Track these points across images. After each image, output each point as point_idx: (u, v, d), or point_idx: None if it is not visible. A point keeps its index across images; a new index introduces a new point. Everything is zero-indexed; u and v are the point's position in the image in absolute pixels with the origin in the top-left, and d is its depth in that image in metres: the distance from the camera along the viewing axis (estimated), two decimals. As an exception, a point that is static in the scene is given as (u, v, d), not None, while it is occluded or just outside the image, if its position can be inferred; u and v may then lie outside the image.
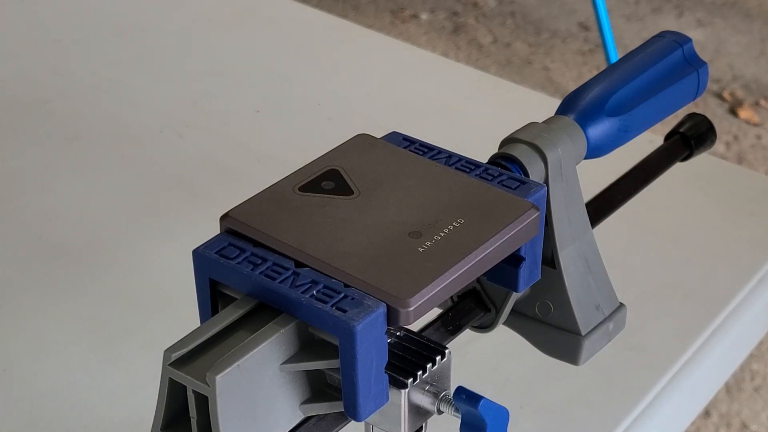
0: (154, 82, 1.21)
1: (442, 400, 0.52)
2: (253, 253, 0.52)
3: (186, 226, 1.00)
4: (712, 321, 0.91)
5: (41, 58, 1.24)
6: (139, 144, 1.12)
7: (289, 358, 0.51)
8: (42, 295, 0.93)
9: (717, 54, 2.68)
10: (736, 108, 2.54)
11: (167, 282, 0.94)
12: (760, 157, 2.41)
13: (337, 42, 1.29)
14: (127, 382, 0.85)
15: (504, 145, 0.60)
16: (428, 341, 0.53)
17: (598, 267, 0.62)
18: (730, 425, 1.87)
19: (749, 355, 0.97)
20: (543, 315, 0.63)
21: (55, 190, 1.05)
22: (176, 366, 0.49)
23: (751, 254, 0.98)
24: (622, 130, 0.64)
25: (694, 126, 0.74)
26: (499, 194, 0.55)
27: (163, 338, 0.51)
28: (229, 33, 1.30)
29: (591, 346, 0.62)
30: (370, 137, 0.59)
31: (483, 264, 0.52)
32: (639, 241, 0.99)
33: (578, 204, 0.62)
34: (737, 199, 1.04)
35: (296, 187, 0.56)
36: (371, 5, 2.88)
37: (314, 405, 0.52)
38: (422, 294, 0.49)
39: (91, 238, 0.99)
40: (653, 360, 0.87)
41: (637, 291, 0.93)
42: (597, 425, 0.82)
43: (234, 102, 1.18)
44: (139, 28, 1.30)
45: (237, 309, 0.51)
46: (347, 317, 0.48)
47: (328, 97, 1.19)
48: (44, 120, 1.15)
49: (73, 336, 0.89)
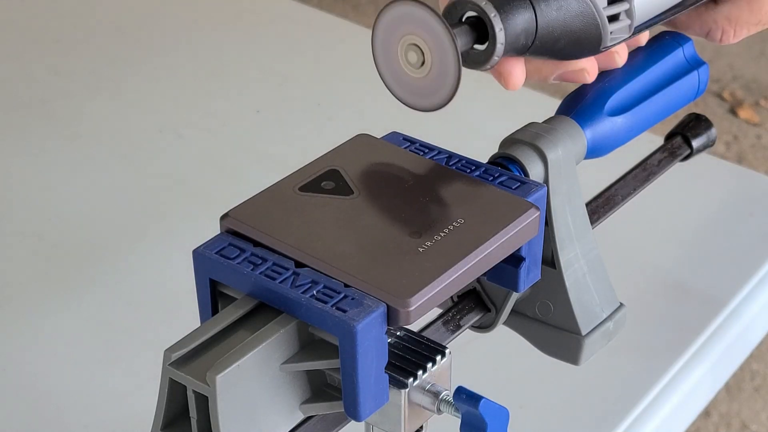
0: (154, 82, 1.21)
1: (442, 400, 0.52)
2: (253, 253, 0.52)
3: (186, 226, 1.00)
4: (712, 321, 0.91)
5: (41, 58, 1.24)
6: (139, 144, 1.12)
7: (289, 358, 0.51)
8: (42, 295, 0.93)
9: (717, 54, 2.68)
10: (736, 108, 2.54)
11: (167, 282, 0.94)
12: (760, 157, 2.41)
13: (337, 42, 1.29)
14: (127, 382, 0.85)
15: (504, 146, 0.60)
16: (428, 341, 0.53)
17: (598, 267, 0.62)
18: (730, 425, 1.87)
19: (749, 355, 0.97)
20: (543, 315, 0.63)
21: (55, 190, 1.05)
22: (176, 366, 0.49)
23: (751, 254, 0.98)
24: (622, 130, 0.64)
25: (695, 126, 0.74)
26: (499, 194, 0.55)
27: (163, 338, 0.51)
28: (229, 33, 1.30)
29: (591, 346, 0.62)
30: (370, 137, 0.59)
31: (483, 264, 0.52)
32: (639, 241, 1.00)
33: (578, 204, 0.62)
34: (737, 199, 1.04)
35: (296, 187, 0.56)
36: (371, 5, 2.88)
37: (314, 405, 0.52)
38: (422, 294, 0.49)
39: (91, 238, 0.99)
40: (653, 360, 0.87)
41: (637, 291, 0.93)
42: (597, 425, 0.82)
43: (234, 102, 1.18)
44: (139, 28, 1.30)
45: (237, 309, 0.51)
46: (347, 317, 0.48)
47: (328, 97, 1.19)
48: (44, 120, 1.15)
49: (73, 336, 0.89)
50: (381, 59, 0.56)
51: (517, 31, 0.54)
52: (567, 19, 0.55)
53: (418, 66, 0.54)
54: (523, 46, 0.55)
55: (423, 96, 0.55)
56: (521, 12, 0.54)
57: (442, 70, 0.54)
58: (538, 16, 0.55)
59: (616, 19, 0.57)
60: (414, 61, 0.54)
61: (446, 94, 0.54)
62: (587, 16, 0.56)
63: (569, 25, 0.56)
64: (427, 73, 0.54)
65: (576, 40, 0.56)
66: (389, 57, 0.55)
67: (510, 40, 0.54)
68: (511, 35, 0.54)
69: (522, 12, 0.54)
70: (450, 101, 0.54)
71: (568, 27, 0.56)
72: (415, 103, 0.56)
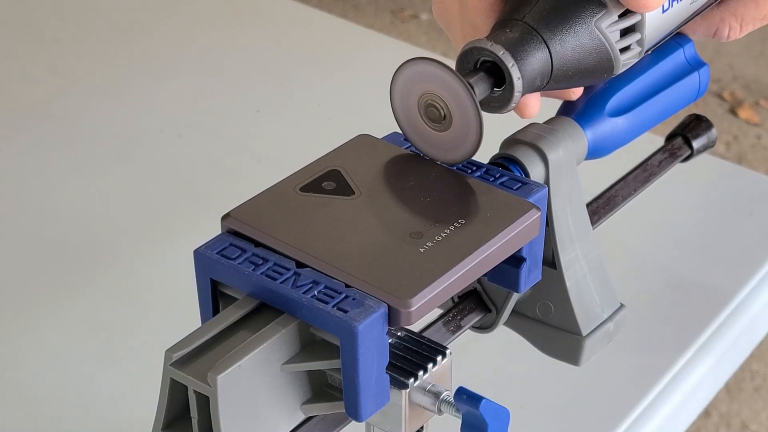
0: (154, 82, 1.21)
1: (442, 401, 0.52)
2: (254, 253, 0.52)
3: (186, 226, 1.00)
4: (712, 321, 0.91)
5: (41, 58, 1.24)
6: (139, 144, 1.12)
7: (290, 358, 0.51)
8: (42, 295, 0.93)
9: (717, 54, 2.68)
10: (736, 108, 2.54)
11: (168, 282, 0.94)
12: (760, 157, 2.41)
13: (337, 42, 1.29)
14: (127, 382, 0.85)
15: (505, 146, 0.60)
16: (429, 341, 0.53)
17: (599, 268, 0.62)
18: (730, 425, 1.87)
19: (749, 355, 0.97)
20: (543, 315, 0.63)
21: (55, 190, 1.05)
22: (177, 366, 0.49)
23: (751, 254, 0.98)
24: (622, 130, 0.64)
25: (695, 127, 0.74)
26: (500, 195, 0.55)
27: (164, 338, 0.51)
28: (229, 33, 1.30)
29: (591, 346, 0.62)
30: (370, 137, 0.59)
31: (484, 265, 0.52)
32: (639, 242, 1.00)
33: (579, 204, 0.62)
34: (737, 199, 1.04)
35: (297, 188, 0.56)
36: (371, 5, 2.88)
37: (315, 405, 0.52)
38: (423, 294, 0.49)
39: (91, 238, 0.99)
40: (653, 360, 0.87)
41: (637, 291, 0.93)
42: (597, 425, 0.83)
43: (234, 102, 1.18)
44: (139, 28, 1.30)
45: (238, 309, 0.51)
46: (348, 318, 0.48)
47: (328, 97, 1.19)
48: (44, 120, 1.15)
49: (73, 336, 0.89)
50: (403, 119, 0.56)
51: (533, 76, 0.55)
52: (581, 58, 0.56)
53: (440, 122, 0.55)
54: (539, 86, 0.56)
55: (449, 150, 0.56)
56: (537, 57, 0.55)
57: (463, 123, 0.54)
58: (553, 58, 0.55)
59: (628, 49, 0.58)
60: (435, 118, 0.55)
61: (471, 145, 0.55)
62: (601, 52, 0.57)
63: (583, 62, 0.56)
64: (449, 128, 0.55)
65: (589, 74, 0.57)
66: (410, 116, 0.56)
67: (527, 83, 0.55)
68: (528, 80, 0.55)
69: (538, 57, 0.55)
70: (476, 151, 0.55)
71: (582, 64, 0.56)
72: (444, 157, 0.56)
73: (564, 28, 0.55)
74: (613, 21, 0.56)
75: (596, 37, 0.56)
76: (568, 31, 0.55)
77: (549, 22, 0.55)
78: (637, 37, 0.58)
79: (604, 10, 0.56)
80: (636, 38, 0.58)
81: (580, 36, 0.56)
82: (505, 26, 0.55)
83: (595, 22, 0.56)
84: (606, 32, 0.56)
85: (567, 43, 0.55)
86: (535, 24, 0.55)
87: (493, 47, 0.54)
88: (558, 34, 0.55)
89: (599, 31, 0.56)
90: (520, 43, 0.54)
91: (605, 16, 0.56)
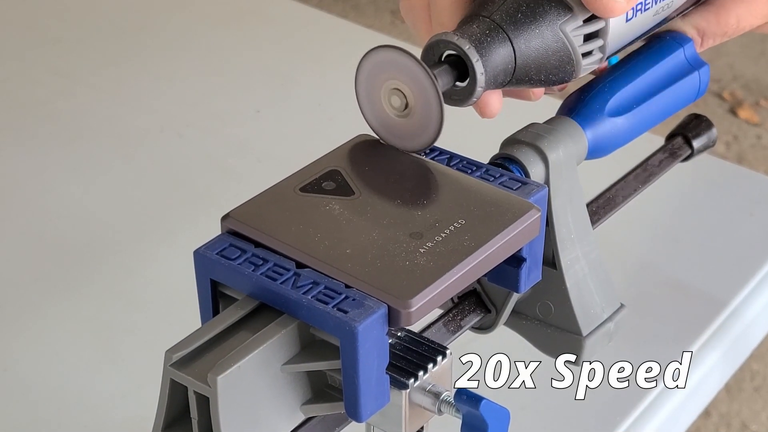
0: (154, 82, 1.21)
1: (443, 401, 0.52)
2: (254, 253, 0.52)
3: (186, 226, 1.00)
4: (713, 321, 0.91)
5: (41, 58, 1.24)
6: (139, 144, 1.12)
7: (290, 359, 0.51)
8: (42, 295, 0.93)
9: (717, 54, 2.68)
10: (736, 108, 2.54)
11: (168, 282, 0.94)
12: (760, 157, 2.41)
13: (337, 42, 1.29)
14: (127, 382, 0.85)
15: (505, 146, 0.60)
16: (429, 342, 0.53)
17: (599, 267, 0.62)
18: (730, 425, 1.87)
19: (749, 355, 0.97)
20: (544, 316, 0.63)
21: (55, 190, 1.05)
22: (177, 367, 0.49)
23: (751, 254, 0.98)
24: (622, 130, 0.64)
25: (695, 126, 0.74)
26: (500, 195, 0.55)
27: (164, 338, 0.51)
28: (229, 33, 1.30)
29: (592, 346, 0.62)
30: (370, 137, 0.59)
31: (484, 265, 0.52)
32: (639, 242, 1.00)
33: (579, 204, 0.62)
34: (737, 199, 1.04)
35: (297, 188, 0.55)
36: (371, 5, 2.88)
37: (315, 406, 0.52)
38: (423, 295, 0.49)
39: (91, 238, 0.99)
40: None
41: (637, 291, 0.93)
42: (597, 425, 0.82)
43: (234, 102, 1.18)
44: (139, 29, 1.30)
45: (238, 310, 0.51)
46: (348, 318, 0.48)
47: (328, 97, 1.19)
48: (44, 120, 1.15)
49: (73, 336, 0.89)
50: (365, 105, 0.58)
51: (496, 72, 0.56)
52: (544, 58, 0.57)
53: (402, 110, 0.56)
54: (501, 83, 0.57)
55: (408, 138, 0.57)
56: (501, 54, 0.56)
57: (425, 113, 0.55)
58: (517, 57, 0.56)
59: (590, 54, 0.59)
60: (397, 106, 0.56)
61: (430, 135, 0.56)
62: (563, 54, 0.58)
63: (545, 63, 0.58)
64: (411, 116, 0.56)
65: (550, 74, 0.58)
66: (373, 103, 0.57)
67: (490, 79, 0.56)
68: (491, 76, 0.56)
69: (502, 54, 0.56)
70: (435, 141, 0.56)
71: (545, 64, 0.58)
72: (402, 145, 0.58)
73: (530, 28, 0.56)
74: (578, 25, 0.58)
75: (560, 40, 0.57)
76: (534, 31, 0.56)
77: (516, 21, 0.56)
78: (600, 43, 0.59)
79: (570, 14, 0.57)
80: (599, 44, 0.59)
81: (544, 37, 0.57)
82: (472, 22, 0.56)
83: (561, 25, 0.57)
84: (570, 36, 0.57)
85: (531, 43, 0.56)
86: (501, 22, 0.56)
87: (459, 41, 0.55)
88: (523, 33, 0.56)
89: (563, 34, 0.57)
90: (485, 39, 0.55)
91: (571, 20, 0.57)
